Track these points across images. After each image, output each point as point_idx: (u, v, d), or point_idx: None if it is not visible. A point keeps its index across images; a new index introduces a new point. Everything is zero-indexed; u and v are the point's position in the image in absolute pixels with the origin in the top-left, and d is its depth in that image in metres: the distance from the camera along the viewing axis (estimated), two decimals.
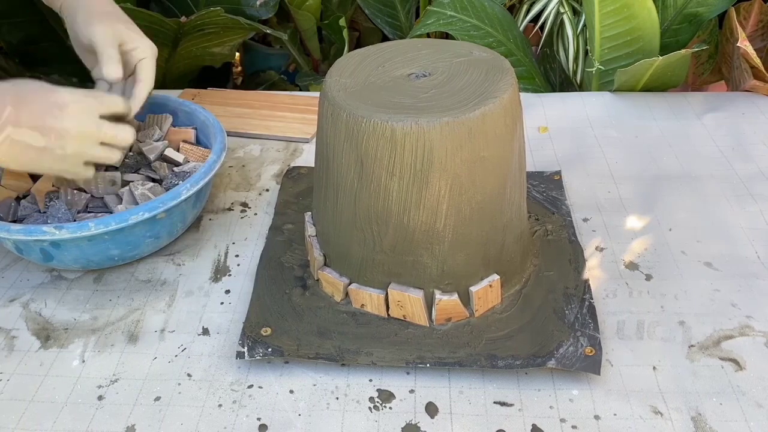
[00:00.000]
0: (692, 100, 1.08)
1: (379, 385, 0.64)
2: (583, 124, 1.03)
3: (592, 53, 1.16)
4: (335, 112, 0.62)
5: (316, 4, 1.49)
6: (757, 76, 1.06)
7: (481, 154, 0.61)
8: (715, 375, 0.63)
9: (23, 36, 1.49)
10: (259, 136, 1.04)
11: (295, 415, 0.61)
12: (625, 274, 0.75)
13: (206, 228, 0.85)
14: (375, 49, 0.71)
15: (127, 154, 0.86)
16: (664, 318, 0.69)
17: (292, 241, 0.80)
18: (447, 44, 0.71)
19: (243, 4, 1.44)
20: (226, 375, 0.65)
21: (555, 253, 0.75)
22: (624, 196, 0.87)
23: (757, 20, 1.22)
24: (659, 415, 0.60)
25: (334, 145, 0.63)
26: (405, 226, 0.63)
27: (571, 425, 0.59)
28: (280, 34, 1.48)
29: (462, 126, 0.59)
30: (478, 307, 0.67)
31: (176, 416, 0.61)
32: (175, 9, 1.52)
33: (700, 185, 0.88)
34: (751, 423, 0.59)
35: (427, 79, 0.65)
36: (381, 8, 1.56)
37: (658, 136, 0.99)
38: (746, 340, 0.66)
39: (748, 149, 0.95)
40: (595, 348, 0.63)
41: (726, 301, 0.71)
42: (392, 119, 0.58)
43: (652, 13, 1.07)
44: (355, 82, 0.65)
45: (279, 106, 1.10)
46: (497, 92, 0.61)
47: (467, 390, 0.63)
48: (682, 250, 0.78)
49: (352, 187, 0.63)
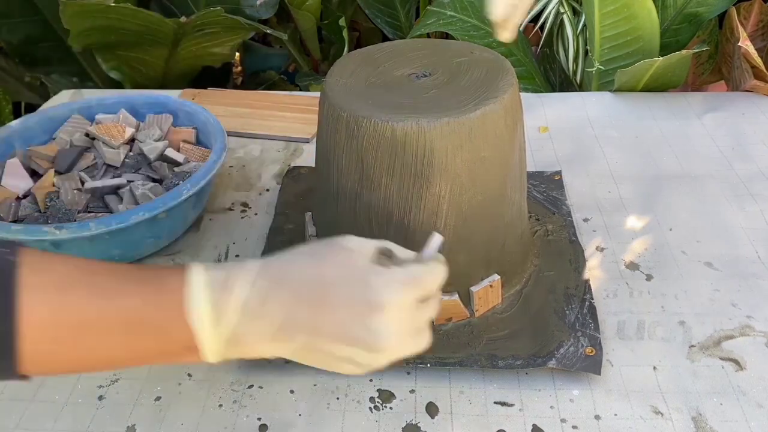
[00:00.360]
0: (692, 100, 1.08)
1: (379, 385, 0.64)
2: (583, 124, 1.03)
3: (592, 53, 1.16)
4: (335, 112, 0.62)
5: (316, 4, 1.49)
6: (757, 75, 1.06)
7: (481, 154, 0.61)
8: (716, 375, 0.63)
9: (23, 36, 1.49)
10: (259, 136, 1.04)
11: (296, 415, 0.61)
12: (625, 274, 0.75)
13: (207, 228, 0.85)
14: (375, 49, 0.71)
15: (127, 154, 0.86)
16: (664, 318, 0.69)
17: (293, 241, 0.79)
18: (447, 44, 0.71)
19: (243, 4, 1.44)
20: (226, 375, 0.65)
21: (555, 253, 0.75)
22: (624, 196, 0.87)
23: (757, 20, 1.22)
24: (660, 415, 0.60)
25: (335, 146, 0.63)
26: (405, 226, 0.63)
27: (572, 425, 0.59)
28: (280, 34, 1.48)
29: (462, 126, 0.59)
30: (478, 307, 0.67)
31: (177, 416, 0.61)
32: (175, 9, 1.53)
33: (700, 185, 0.88)
34: (752, 423, 0.59)
35: (427, 79, 0.65)
36: (381, 8, 1.56)
37: (658, 136, 0.99)
38: (746, 340, 0.66)
39: (748, 149, 0.95)
40: (596, 348, 0.63)
41: (726, 301, 0.71)
42: (393, 119, 0.58)
43: (652, 13, 1.07)
44: (356, 82, 0.65)
45: (279, 106, 1.10)
46: (497, 92, 0.61)
47: (468, 390, 0.63)
48: (683, 250, 0.78)
49: (352, 187, 0.63)
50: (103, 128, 0.87)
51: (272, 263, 0.49)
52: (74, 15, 1.25)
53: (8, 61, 1.59)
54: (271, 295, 0.47)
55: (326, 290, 0.47)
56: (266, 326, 0.47)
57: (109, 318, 0.45)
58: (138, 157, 0.86)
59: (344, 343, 0.47)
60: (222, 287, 0.46)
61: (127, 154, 0.86)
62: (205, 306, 0.46)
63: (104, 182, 0.80)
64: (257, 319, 0.46)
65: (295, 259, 0.49)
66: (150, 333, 0.46)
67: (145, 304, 0.46)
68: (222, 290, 0.46)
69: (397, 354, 0.49)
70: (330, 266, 0.49)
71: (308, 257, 0.49)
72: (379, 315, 0.47)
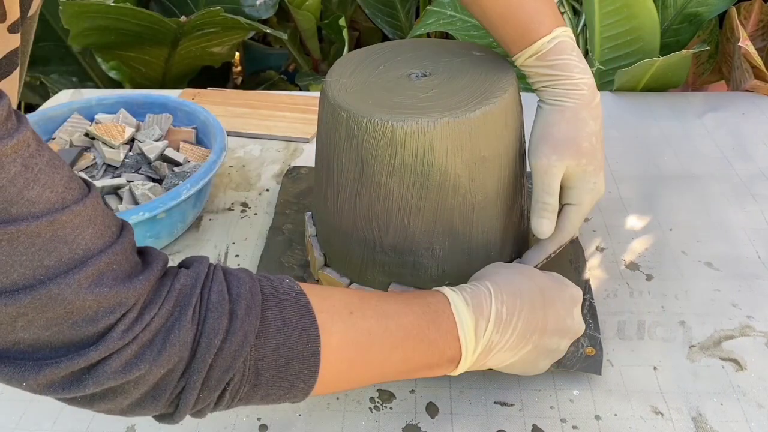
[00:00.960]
0: (692, 100, 1.08)
1: (379, 385, 0.64)
2: None
3: (593, 53, 1.16)
4: (335, 112, 0.62)
5: (316, 3, 1.49)
6: (758, 75, 1.06)
7: (481, 154, 0.61)
8: (716, 375, 0.63)
9: None
10: (259, 136, 1.03)
11: (296, 415, 0.61)
12: (625, 274, 0.75)
13: (206, 228, 0.85)
14: (375, 49, 0.71)
15: (127, 154, 0.86)
16: (664, 318, 0.69)
17: (293, 241, 0.79)
18: (447, 44, 0.71)
19: (243, 3, 1.44)
20: None
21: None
22: (624, 196, 0.87)
23: (757, 20, 1.22)
24: (660, 416, 0.60)
25: (335, 145, 0.63)
26: (405, 226, 0.62)
27: (572, 425, 0.59)
28: (280, 34, 1.48)
29: (462, 126, 0.59)
30: None
31: None
32: (175, 9, 1.53)
33: (700, 185, 0.88)
34: (752, 423, 0.59)
35: (427, 79, 0.65)
36: (381, 8, 1.56)
37: (659, 136, 0.99)
38: (747, 340, 0.66)
39: (748, 149, 0.95)
40: (596, 348, 0.63)
41: (726, 301, 0.71)
42: (393, 119, 0.58)
43: (653, 13, 1.07)
44: (355, 82, 0.65)
45: (279, 106, 1.10)
46: (498, 92, 0.61)
47: (468, 390, 0.63)
48: (683, 250, 0.78)
49: (352, 187, 0.63)
50: (103, 128, 0.87)
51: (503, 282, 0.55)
52: (74, 15, 1.25)
53: None
54: (512, 308, 0.54)
55: (546, 294, 0.56)
56: (510, 335, 0.53)
57: (393, 335, 0.50)
58: (138, 157, 0.86)
59: (560, 335, 0.57)
60: (477, 305, 0.53)
61: (127, 154, 0.86)
62: (471, 323, 0.52)
63: (104, 182, 0.80)
64: (505, 330, 0.53)
65: (514, 277, 0.57)
66: (425, 347, 0.51)
67: (420, 322, 0.51)
68: (477, 308, 0.53)
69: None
70: (541, 278, 0.58)
71: (522, 275, 0.57)
72: (578, 306, 0.59)
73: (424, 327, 0.51)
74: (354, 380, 0.51)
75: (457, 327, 0.51)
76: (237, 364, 0.42)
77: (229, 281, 0.44)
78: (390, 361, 0.50)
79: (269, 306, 0.44)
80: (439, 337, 0.51)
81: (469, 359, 0.53)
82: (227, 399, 0.44)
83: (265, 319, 0.44)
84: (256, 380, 0.44)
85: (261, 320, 0.43)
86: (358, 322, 0.48)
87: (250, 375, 0.43)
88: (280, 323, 0.44)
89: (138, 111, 0.93)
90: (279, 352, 0.44)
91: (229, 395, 0.44)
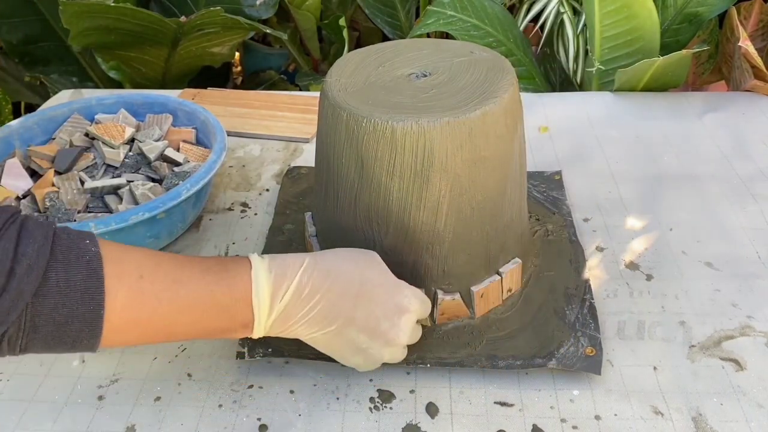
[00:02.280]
0: (692, 100, 1.08)
1: (379, 386, 0.64)
2: (584, 124, 1.03)
3: (593, 53, 1.16)
4: (335, 112, 0.62)
5: (316, 3, 1.49)
6: (758, 75, 1.06)
7: (481, 154, 0.61)
8: (716, 375, 0.63)
9: (23, 36, 1.49)
10: (259, 136, 1.04)
11: (296, 415, 0.61)
12: (625, 274, 0.75)
13: (206, 228, 0.85)
14: (375, 49, 0.71)
15: (127, 154, 0.86)
16: (664, 318, 0.69)
17: (293, 241, 0.79)
18: (447, 44, 0.71)
19: (243, 3, 1.44)
20: (226, 375, 0.65)
21: (555, 253, 0.75)
22: (624, 196, 0.87)
23: (757, 20, 1.22)
24: (660, 416, 0.60)
25: (335, 145, 0.63)
26: (405, 226, 0.63)
27: (572, 425, 0.59)
28: (280, 34, 1.48)
29: (462, 126, 0.59)
30: (479, 307, 0.67)
31: (176, 416, 0.61)
32: (175, 9, 1.53)
33: (700, 185, 0.88)
34: (752, 423, 0.59)
35: (427, 79, 0.65)
36: (381, 8, 1.56)
37: (659, 136, 0.99)
38: (747, 340, 0.66)
39: (748, 149, 0.95)
40: (596, 348, 0.63)
41: (726, 301, 0.71)
42: (392, 119, 0.58)
43: (653, 13, 1.07)
44: (355, 82, 0.65)
45: (279, 106, 1.10)
46: (498, 92, 0.61)
47: (468, 390, 0.63)
48: (683, 250, 0.78)
49: (352, 187, 0.63)
50: (103, 128, 0.87)
51: (322, 259, 0.57)
52: (74, 15, 1.25)
53: (8, 61, 1.59)
54: (319, 284, 0.55)
55: (367, 289, 0.57)
56: (310, 309, 0.55)
57: (182, 300, 0.52)
58: (138, 157, 0.86)
59: (369, 335, 0.57)
60: (280, 275, 0.55)
61: (127, 154, 0.86)
62: (268, 290, 0.54)
63: (104, 182, 0.80)
64: (305, 303, 0.55)
65: (340, 259, 0.58)
66: (216, 313, 0.53)
67: (213, 289, 0.53)
68: (280, 276, 0.54)
69: (399, 354, 0.60)
70: (371, 271, 0.58)
71: (351, 261, 0.58)
72: (406, 316, 0.58)
73: (217, 293, 0.53)
74: (139, 339, 0.53)
75: (252, 293, 0.53)
76: (11, 318, 0.45)
77: (21, 237, 0.46)
78: (178, 323, 0.53)
79: (54, 267, 0.46)
80: (232, 304, 0.53)
81: (263, 324, 0.55)
82: (5, 348, 0.47)
83: (46, 280, 0.46)
84: (34, 334, 0.46)
85: (43, 280, 0.45)
86: (146, 287, 0.50)
87: (27, 329, 0.46)
88: (63, 284, 0.46)
89: (138, 111, 0.93)
90: (57, 311, 0.46)
91: (7, 345, 0.46)
